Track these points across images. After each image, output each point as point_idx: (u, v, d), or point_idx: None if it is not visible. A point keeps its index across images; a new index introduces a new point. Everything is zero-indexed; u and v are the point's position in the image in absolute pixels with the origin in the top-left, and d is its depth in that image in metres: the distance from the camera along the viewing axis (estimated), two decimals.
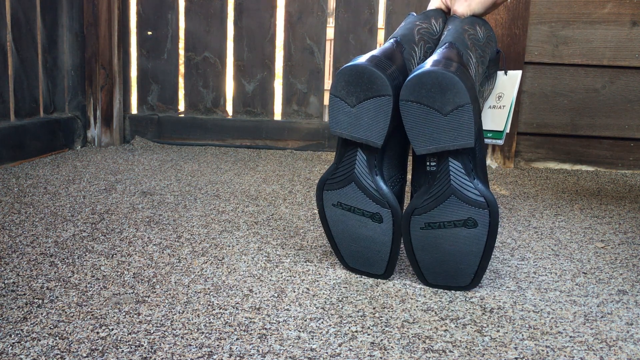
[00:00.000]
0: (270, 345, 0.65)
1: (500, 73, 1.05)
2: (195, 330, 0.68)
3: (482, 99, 1.01)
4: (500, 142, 1.02)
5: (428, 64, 0.78)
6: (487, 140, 1.04)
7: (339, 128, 0.81)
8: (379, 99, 0.78)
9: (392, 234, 0.81)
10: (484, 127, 1.04)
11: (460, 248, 0.79)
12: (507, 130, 1.03)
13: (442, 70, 0.75)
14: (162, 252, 0.93)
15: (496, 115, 1.02)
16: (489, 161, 1.87)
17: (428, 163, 0.80)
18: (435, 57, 0.81)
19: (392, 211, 0.80)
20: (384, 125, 0.78)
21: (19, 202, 1.19)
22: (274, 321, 0.71)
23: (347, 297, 0.79)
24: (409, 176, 1.54)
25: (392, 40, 0.89)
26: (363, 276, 0.86)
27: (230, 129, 2.02)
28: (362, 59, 0.80)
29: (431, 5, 1.02)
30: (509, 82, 1.04)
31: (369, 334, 0.68)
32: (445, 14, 1.01)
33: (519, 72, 1.04)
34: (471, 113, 0.75)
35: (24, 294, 0.76)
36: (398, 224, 0.81)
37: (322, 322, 0.71)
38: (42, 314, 0.70)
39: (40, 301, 0.74)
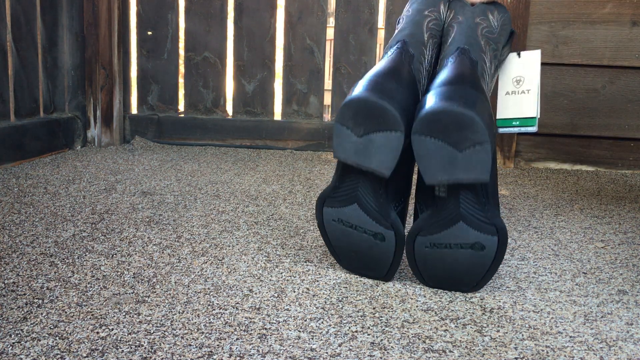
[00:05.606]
0: (270, 345, 0.65)
1: (512, 55, 0.98)
2: (195, 330, 0.68)
3: (490, 89, 0.92)
4: (533, 129, 0.93)
5: (442, 96, 0.73)
6: (514, 130, 0.96)
7: (345, 155, 0.77)
8: (390, 134, 0.74)
9: (395, 249, 0.80)
10: (505, 116, 0.96)
11: (465, 266, 0.77)
12: (539, 115, 0.93)
13: (460, 109, 0.70)
14: (162, 252, 0.93)
15: (521, 101, 0.92)
16: None
17: (437, 189, 0.77)
18: (446, 75, 0.76)
19: (395, 232, 0.78)
20: (394, 158, 0.74)
21: (19, 202, 1.19)
22: (274, 321, 0.71)
23: (347, 297, 0.78)
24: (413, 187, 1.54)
25: (398, 45, 0.84)
26: (363, 276, 0.86)
27: (230, 129, 2.02)
28: (368, 87, 0.75)
29: None
30: (527, 64, 0.96)
31: (369, 334, 0.68)
32: None
33: (537, 52, 0.96)
34: (489, 151, 0.71)
35: (24, 294, 0.76)
36: (401, 242, 0.79)
37: (322, 322, 0.71)
38: (42, 314, 0.70)
39: (40, 301, 0.74)
